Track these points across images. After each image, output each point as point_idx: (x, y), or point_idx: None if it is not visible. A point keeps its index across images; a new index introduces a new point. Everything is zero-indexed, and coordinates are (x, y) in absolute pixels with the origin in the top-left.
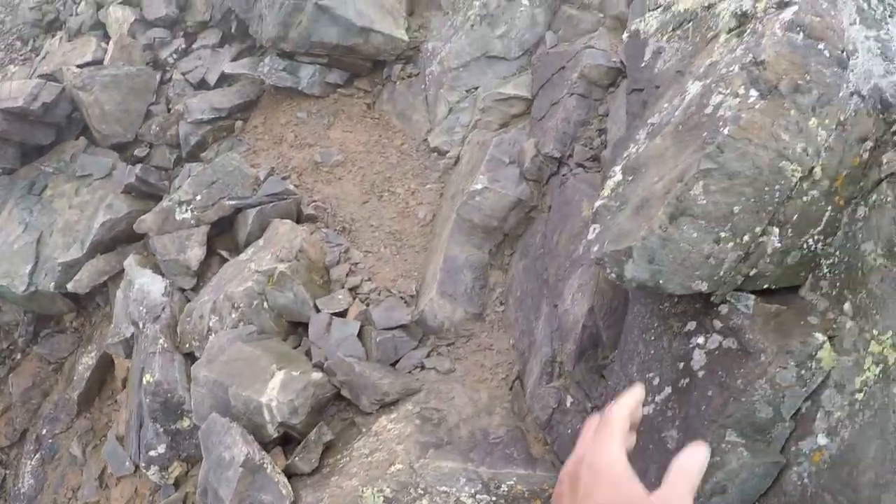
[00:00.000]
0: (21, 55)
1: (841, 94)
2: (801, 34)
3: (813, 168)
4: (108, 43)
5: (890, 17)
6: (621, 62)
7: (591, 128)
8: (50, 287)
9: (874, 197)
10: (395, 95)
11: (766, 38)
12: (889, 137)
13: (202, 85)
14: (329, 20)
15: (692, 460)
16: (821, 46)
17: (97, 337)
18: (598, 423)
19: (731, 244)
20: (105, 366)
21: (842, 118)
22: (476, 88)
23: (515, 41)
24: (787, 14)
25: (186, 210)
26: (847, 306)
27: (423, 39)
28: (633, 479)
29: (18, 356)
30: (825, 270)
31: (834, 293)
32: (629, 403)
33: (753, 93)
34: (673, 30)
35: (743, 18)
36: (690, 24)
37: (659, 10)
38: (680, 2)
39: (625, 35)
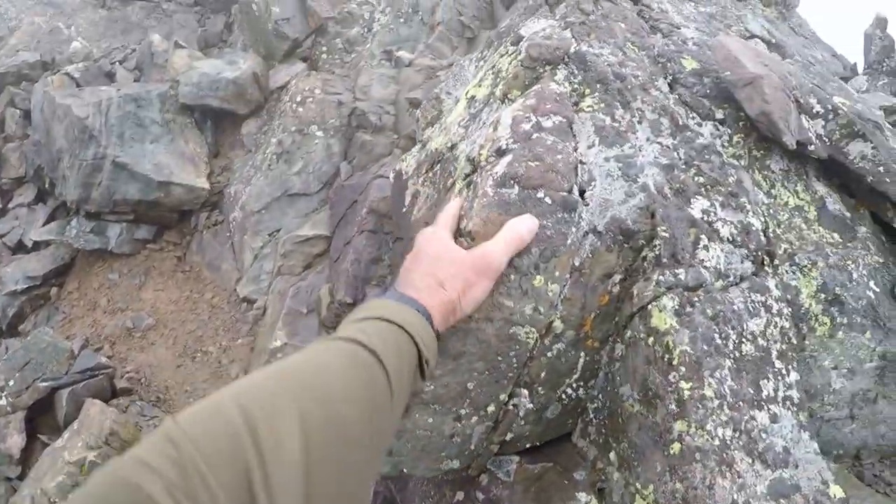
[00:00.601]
0: None
1: (570, 241)
2: (516, 187)
3: (552, 323)
4: None
5: (639, 123)
6: None
7: (384, 264)
8: None
9: (629, 333)
10: (204, 245)
11: (477, 199)
12: (640, 265)
13: (20, 247)
14: (128, 177)
15: (520, 223)
16: (540, 195)
17: None
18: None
19: (474, 419)
20: None
21: (576, 263)
22: (279, 231)
23: (314, 175)
24: (501, 167)
25: (1, 397)
26: (613, 455)
27: (226, 183)
28: (452, 243)
29: None
30: (591, 416)
31: (601, 440)
32: (452, 210)
33: None
34: (426, 171)
35: (475, 164)
36: (439, 166)
37: (418, 146)
38: (432, 139)
39: (390, 174)
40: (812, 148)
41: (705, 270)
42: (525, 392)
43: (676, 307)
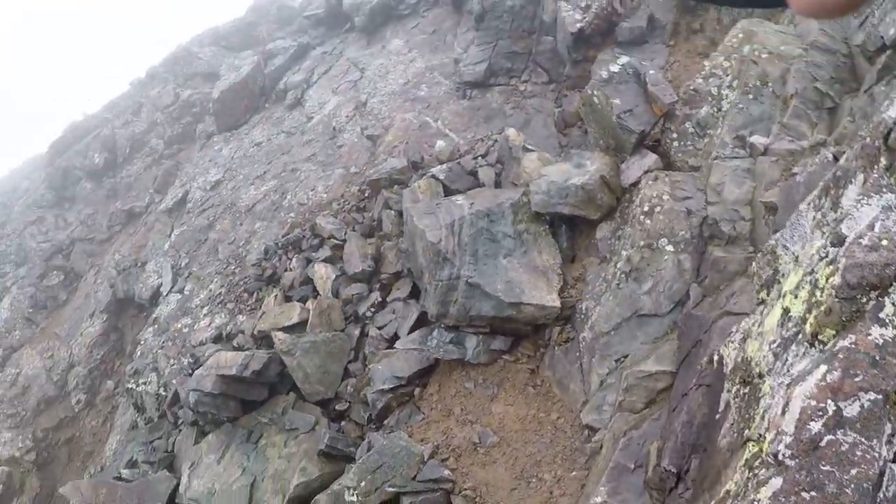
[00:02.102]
0: (248, 306)
1: None
2: None
3: None
4: (311, 304)
5: None
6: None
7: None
8: None
9: None
10: (555, 361)
11: None
12: None
13: (395, 340)
14: (481, 296)
15: None
16: None
17: None
18: None
19: None
20: None
21: None
22: (626, 357)
23: (664, 294)
24: (766, 494)
25: (353, 494)
26: None
27: (578, 298)
28: None
29: None
30: None
31: None
32: None
33: None
34: (739, 382)
35: (761, 454)
36: (748, 389)
37: (749, 321)
38: (750, 338)
39: (715, 355)
40: None
41: None
42: None
43: None
